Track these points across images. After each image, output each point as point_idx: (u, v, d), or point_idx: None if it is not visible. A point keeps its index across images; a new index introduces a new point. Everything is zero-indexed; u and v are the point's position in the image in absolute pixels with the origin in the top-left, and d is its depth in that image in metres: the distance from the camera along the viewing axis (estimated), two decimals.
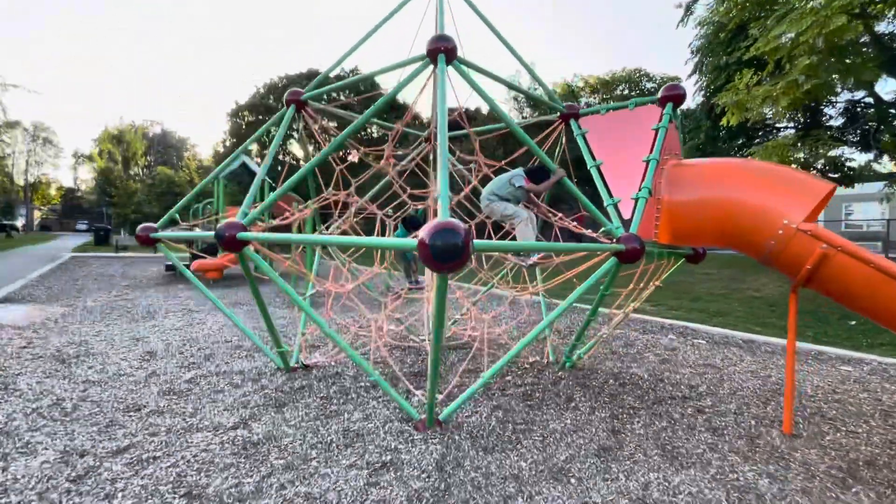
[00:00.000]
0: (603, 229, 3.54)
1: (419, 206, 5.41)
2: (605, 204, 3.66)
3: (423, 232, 1.99)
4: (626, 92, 24.71)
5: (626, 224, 3.54)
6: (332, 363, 4.66)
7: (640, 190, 3.50)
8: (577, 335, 4.38)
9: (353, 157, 5.39)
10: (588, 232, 4.02)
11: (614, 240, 3.27)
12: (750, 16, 10.54)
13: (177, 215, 4.06)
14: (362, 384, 4.10)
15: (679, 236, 3.72)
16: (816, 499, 2.58)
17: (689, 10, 13.16)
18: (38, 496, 2.39)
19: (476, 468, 2.75)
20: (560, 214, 4.43)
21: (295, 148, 33.12)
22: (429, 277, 5.28)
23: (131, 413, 3.43)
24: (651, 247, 3.61)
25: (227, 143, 33.29)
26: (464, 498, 2.45)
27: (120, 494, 2.42)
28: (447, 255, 1.97)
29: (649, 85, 24.61)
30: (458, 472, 2.70)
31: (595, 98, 25.38)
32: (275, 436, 3.10)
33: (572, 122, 4.47)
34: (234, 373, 4.36)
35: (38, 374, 4.15)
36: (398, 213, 5.47)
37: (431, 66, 3.18)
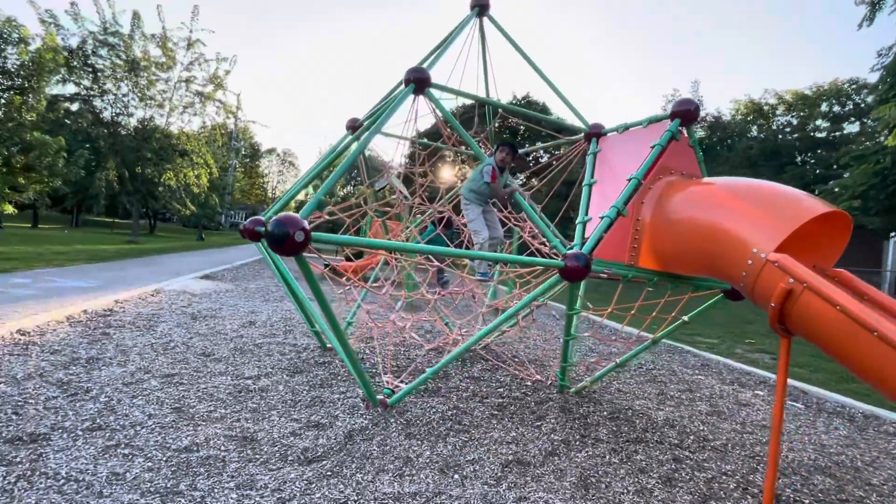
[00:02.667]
0: (552, 245, 3.47)
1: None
2: (576, 221, 3.57)
3: (271, 222, 2.50)
4: (834, 109, 19.94)
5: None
6: (359, 347, 5.37)
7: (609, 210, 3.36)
8: (563, 356, 4.22)
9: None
10: (546, 248, 3.93)
11: (560, 257, 3.23)
12: None
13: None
14: (365, 366, 4.69)
15: (659, 261, 3.41)
16: None
17: (875, 4, 10.33)
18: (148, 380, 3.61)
19: (380, 443, 3.08)
20: (526, 225, 4.39)
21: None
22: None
23: (201, 357, 4.64)
24: (621, 270, 3.38)
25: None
26: (342, 459, 2.83)
27: (162, 393, 3.47)
28: (280, 241, 2.43)
29: (869, 99, 19.40)
30: (363, 442, 3.07)
31: (792, 117, 21.06)
32: (266, 388, 3.91)
33: (593, 140, 4.38)
34: (291, 344, 5.41)
35: (170, 324, 5.83)
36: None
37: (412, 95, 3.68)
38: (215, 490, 2.38)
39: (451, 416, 3.66)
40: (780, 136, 19.20)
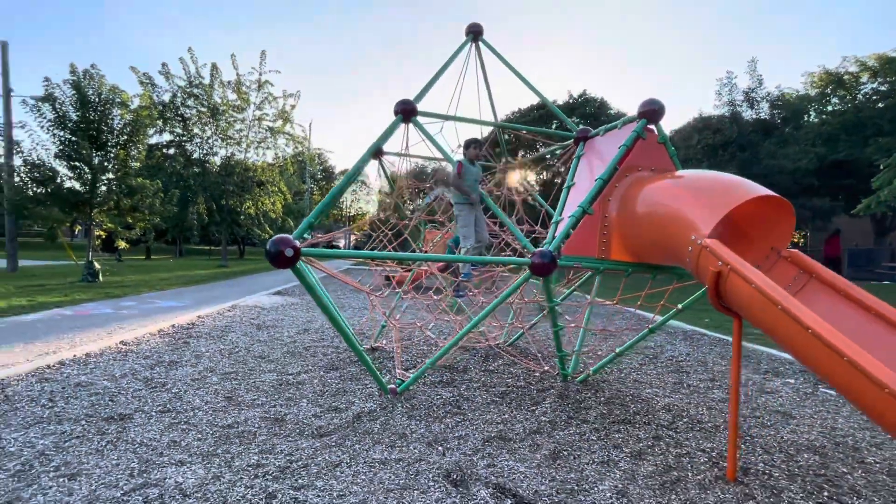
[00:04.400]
0: (525, 245, 3.82)
1: None
2: (552, 220, 3.91)
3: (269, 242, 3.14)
4: None
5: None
6: (391, 347, 5.97)
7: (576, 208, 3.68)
8: (557, 347, 4.50)
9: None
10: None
11: (529, 254, 3.60)
12: None
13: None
14: (388, 366, 5.28)
15: (629, 253, 3.65)
16: None
17: None
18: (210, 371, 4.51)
19: (383, 423, 3.63)
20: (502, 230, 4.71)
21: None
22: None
23: (257, 359, 5.51)
24: (592, 263, 3.67)
25: None
26: (347, 434, 3.41)
27: (219, 386, 4.31)
28: (274, 258, 3.07)
29: None
30: (368, 422, 3.64)
31: (879, 83, 18.66)
32: (304, 382, 4.62)
33: (581, 144, 4.68)
34: (335, 347, 6.16)
35: (238, 333, 6.84)
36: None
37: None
38: (243, 454, 3.06)
39: (452, 402, 4.13)
40: (861, 108, 17.27)
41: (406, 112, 4.16)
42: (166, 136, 21.77)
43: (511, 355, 5.52)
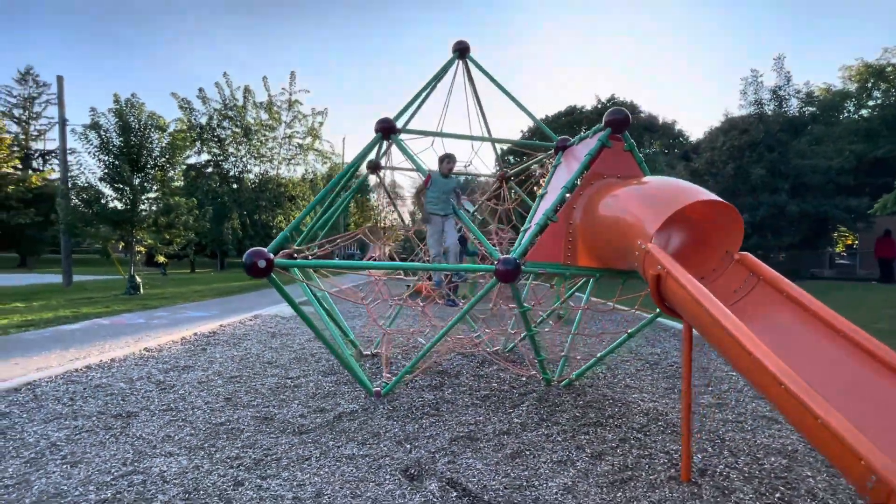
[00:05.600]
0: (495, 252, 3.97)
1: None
2: (521, 228, 4.06)
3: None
4: None
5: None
6: (389, 353, 6.21)
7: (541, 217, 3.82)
8: (536, 351, 4.59)
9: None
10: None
11: (495, 262, 3.75)
12: None
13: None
14: (374, 370, 5.52)
15: (594, 259, 3.76)
16: None
17: None
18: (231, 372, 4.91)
19: (361, 423, 3.86)
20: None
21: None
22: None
23: (265, 364, 5.87)
24: (557, 269, 3.79)
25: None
26: (324, 432, 3.66)
27: (222, 389, 4.68)
28: (249, 268, 3.37)
29: None
30: (348, 422, 3.88)
31: None
32: (300, 385, 4.92)
33: (560, 153, 4.81)
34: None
35: (253, 341, 7.26)
36: None
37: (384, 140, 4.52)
38: (226, 448, 3.36)
39: (432, 404, 4.32)
40: None
41: (385, 130, 4.43)
42: (204, 157, 23.17)
43: (497, 360, 5.64)
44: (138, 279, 13.78)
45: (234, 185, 22.81)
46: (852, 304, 11.53)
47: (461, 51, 5.51)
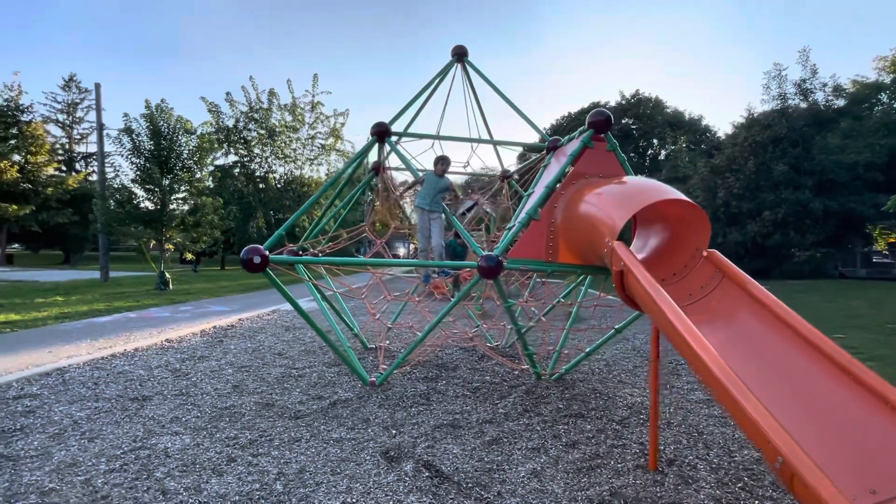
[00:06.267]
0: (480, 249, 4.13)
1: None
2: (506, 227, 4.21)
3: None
4: None
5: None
6: (395, 347, 6.45)
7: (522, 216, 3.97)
8: (523, 345, 4.73)
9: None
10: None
11: (478, 259, 3.93)
12: None
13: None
14: (371, 362, 5.76)
15: (575, 256, 3.88)
16: None
17: None
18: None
19: (354, 410, 4.10)
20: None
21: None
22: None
23: (275, 356, 6.20)
24: (539, 266, 3.93)
25: None
26: (317, 417, 3.92)
27: (231, 377, 5.02)
28: (245, 264, 3.64)
29: None
30: (341, 409, 4.13)
31: None
32: (304, 375, 5.21)
33: (551, 153, 4.94)
34: (347, 346, 6.75)
35: (267, 334, 7.63)
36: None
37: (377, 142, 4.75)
38: (226, 429, 3.65)
39: (423, 394, 4.53)
40: None
41: (380, 133, 4.66)
42: (232, 158, 24.04)
43: (491, 354, 5.80)
44: (168, 275, 14.49)
45: (261, 185, 23.59)
46: (874, 303, 11.16)
47: (459, 55, 5.68)
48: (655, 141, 35.31)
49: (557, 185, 4.02)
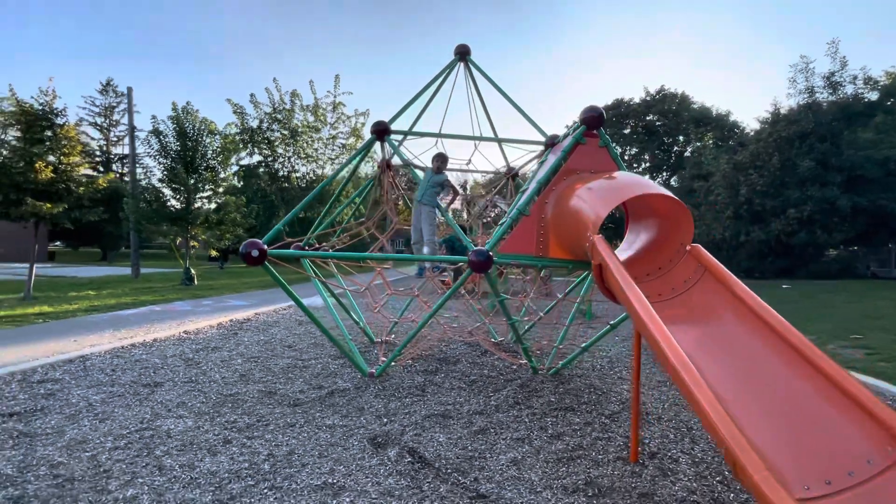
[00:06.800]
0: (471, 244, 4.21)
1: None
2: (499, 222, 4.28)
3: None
4: None
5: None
6: (398, 341, 6.58)
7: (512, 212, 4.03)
8: (516, 340, 4.78)
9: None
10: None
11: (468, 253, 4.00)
12: None
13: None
14: (375, 355, 5.90)
15: (565, 251, 3.92)
16: None
17: None
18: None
19: (350, 399, 4.25)
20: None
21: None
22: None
23: (285, 348, 6.42)
24: (530, 261, 3.99)
25: None
26: (314, 405, 4.07)
27: (240, 367, 5.25)
28: (244, 257, 3.82)
29: None
30: (338, 398, 4.28)
31: None
32: (309, 366, 5.40)
33: (549, 150, 4.98)
34: (354, 339, 6.93)
35: (280, 328, 7.89)
36: None
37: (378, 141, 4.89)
38: (227, 413, 3.84)
39: (419, 386, 4.64)
40: None
41: (379, 132, 4.79)
42: (256, 158, 24.72)
43: (491, 349, 5.87)
44: (193, 271, 15.04)
45: (284, 185, 24.17)
46: None
47: (462, 54, 5.76)
48: (681, 138, 34.50)
49: (549, 181, 4.07)
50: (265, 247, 3.95)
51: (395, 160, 5.50)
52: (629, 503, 2.64)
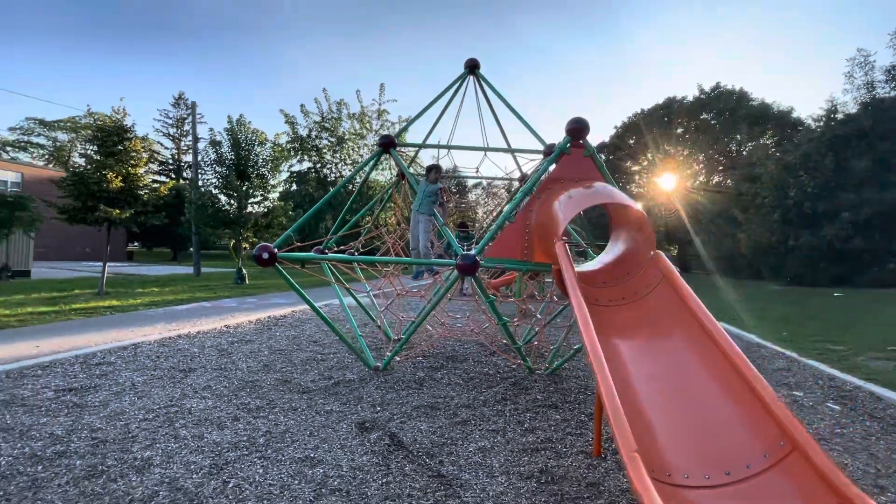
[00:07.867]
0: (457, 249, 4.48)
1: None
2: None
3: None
4: None
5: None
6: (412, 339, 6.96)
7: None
8: (511, 339, 4.98)
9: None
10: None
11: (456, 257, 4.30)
12: None
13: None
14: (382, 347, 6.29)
15: (545, 255, 4.14)
16: None
17: None
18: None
19: (352, 389, 4.67)
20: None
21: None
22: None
23: (311, 343, 6.99)
24: (515, 265, 4.23)
25: None
26: (319, 393, 4.52)
27: (266, 358, 5.84)
28: (256, 259, 4.32)
29: None
30: (342, 388, 4.71)
31: None
32: (326, 359, 5.89)
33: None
34: (372, 336, 7.40)
35: (311, 325, 8.50)
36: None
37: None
38: (244, 397, 4.37)
39: (418, 380, 4.99)
40: None
41: (385, 145, 5.21)
42: (306, 164, 26.21)
43: (491, 347, 6.10)
44: (244, 271, 16.23)
45: (327, 190, 25.53)
46: None
47: (471, 67, 6.08)
48: (738, 137, 32.76)
49: (532, 190, 4.30)
50: (275, 250, 4.46)
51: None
52: (576, 490, 2.85)
